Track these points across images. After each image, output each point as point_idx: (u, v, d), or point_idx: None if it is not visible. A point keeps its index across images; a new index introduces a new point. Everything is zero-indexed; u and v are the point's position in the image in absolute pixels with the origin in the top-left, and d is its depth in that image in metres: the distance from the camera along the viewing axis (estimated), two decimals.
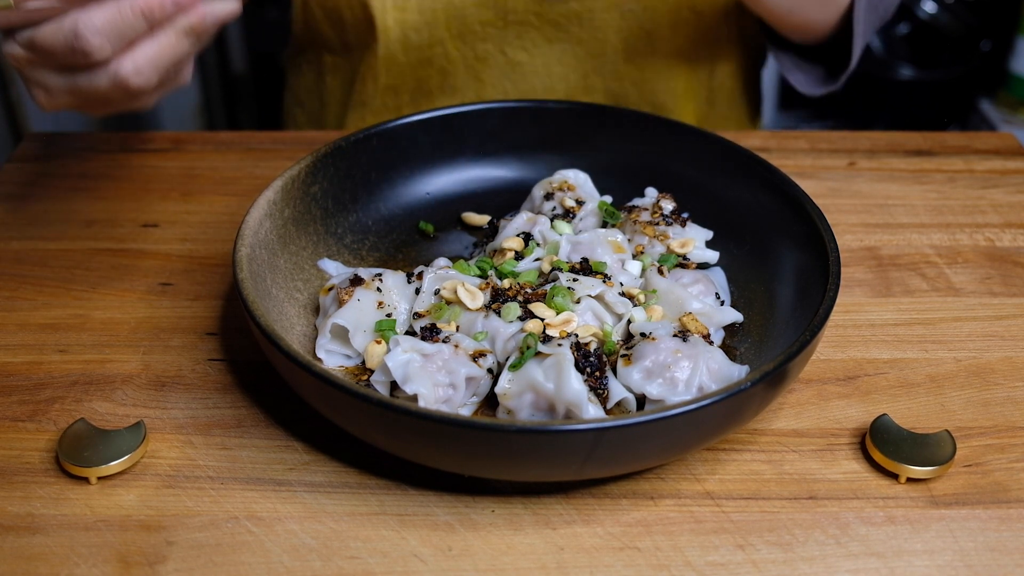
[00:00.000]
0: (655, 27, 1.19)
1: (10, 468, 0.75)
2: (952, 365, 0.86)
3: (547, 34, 1.18)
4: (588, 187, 1.00)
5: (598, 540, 0.70)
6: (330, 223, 0.94)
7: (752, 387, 0.68)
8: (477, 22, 1.17)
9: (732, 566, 0.68)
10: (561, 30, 1.18)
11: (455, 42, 1.18)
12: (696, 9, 1.19)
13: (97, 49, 0.68)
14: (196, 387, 0.83)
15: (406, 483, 0.74)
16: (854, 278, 0.97)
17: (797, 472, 0.75)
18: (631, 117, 1.01)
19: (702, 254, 0.91)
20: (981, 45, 2.16)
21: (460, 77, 1.22)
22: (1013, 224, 1.05)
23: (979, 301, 0.94)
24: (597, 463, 0.68)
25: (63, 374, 0.84)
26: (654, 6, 1.17)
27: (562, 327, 0.79)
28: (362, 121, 1.28)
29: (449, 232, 0.99)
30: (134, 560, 0.68)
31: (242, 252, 0.80)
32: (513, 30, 1.17)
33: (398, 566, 0.68)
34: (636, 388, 0.77)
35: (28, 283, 0.95)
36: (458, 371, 0.76)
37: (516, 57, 1.19)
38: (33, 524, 0.70)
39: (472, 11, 1.16)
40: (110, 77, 0.70)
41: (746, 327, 0.86)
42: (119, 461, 0.73)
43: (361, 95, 1.26)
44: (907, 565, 0.68)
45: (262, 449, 0.77)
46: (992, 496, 0.73)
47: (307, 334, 0.84)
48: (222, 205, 1.07)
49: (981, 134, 1.22)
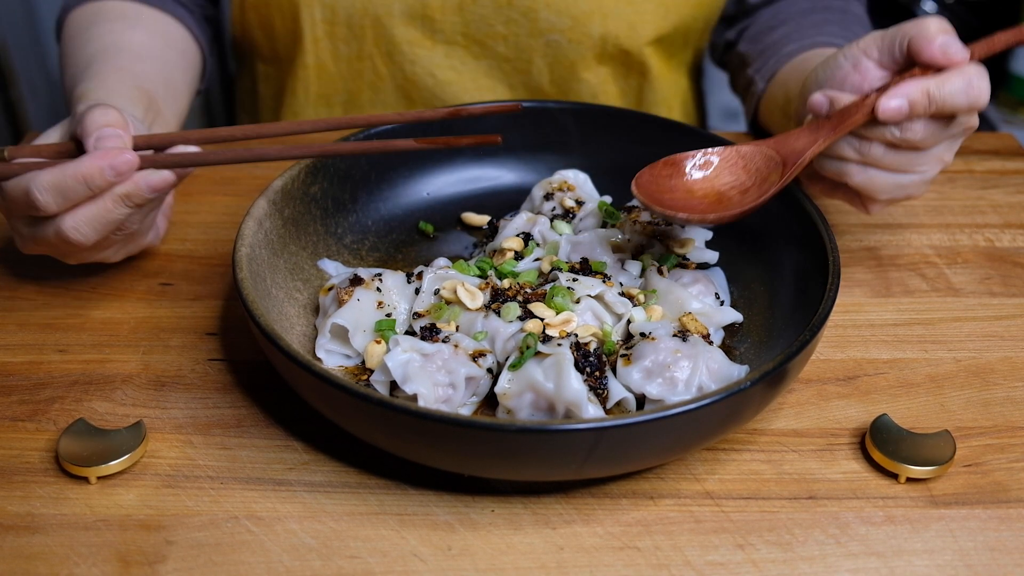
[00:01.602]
0: (579, 58, 1.19)
1: (10, 468, 0.75)
2: (952, 365, 0.86)
3: (474, 52, 1.19)
4: (588, 187, 1.00)
5: (598, 540, 0.70)
6: (330, 223, 0.94)
7: (752, 387, 0.68)
8: (405, 41, 1.17)
9: (732, 566, 0.68)
10: (487, 49, 1.19)
11: (384, 59, 1.19)
12: (622, 47, 1.19)
13: (43, 204, 0.77)
14: (196, 387, 0.83)
15: (406, 483, 0.74)
16: (854, 278, 0.97)
17: (797, 472, 0.75)
18: (631, 117, 1.01)
19: (702, 254, 0.91)
20: None
21: (390, 94, 1.23)
22: (1012, 224, 1.06)
23: (979, 301, 0.94)
24: (597, 463, 0.68)
25: (63, 374, 0.84)
26: (579, 39, 1.17)
27: (562, 327, 0.79)
28: None
29: (449, 232, 0.99)
30: (134, 560, 0.68)
31: (242, 252, 0.80)
32: (441, 50, 1.19)
33: (398, 565, 0.68)
34: (636, 388, 0.77)
35: (28, 283, 0.95)
36: (458, 371, 0.76)
37: (445, 77, 1.20)
38: (33, 524, 0.70)
39: (400, 30, 1.17)
40: (55, 230, 0.79)
41: (746, 327, 0.86)
42: (119, 461, 0.73)
43: (292, 106, 1.26)
44: (907, 565, 0.68)
45: (262, 449, 0.77)
46: (992, 496, 0.73)
47: (307, 334, 0.84)
48: (222, 205, 1.07)
49: (980, 135, 1.22)
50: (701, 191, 0.85)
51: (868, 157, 0.84)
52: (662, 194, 0.84)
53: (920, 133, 0.81)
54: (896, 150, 0.83)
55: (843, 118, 0.82)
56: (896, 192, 0.87)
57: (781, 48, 1.13)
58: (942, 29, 0.81)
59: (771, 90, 1.10)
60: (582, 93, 1.22)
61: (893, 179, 0.85)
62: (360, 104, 1.24)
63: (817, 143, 0.82)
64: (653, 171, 0.85)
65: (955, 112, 0.81)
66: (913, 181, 0.86)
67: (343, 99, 1.25)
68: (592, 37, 1.17)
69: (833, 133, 0.82)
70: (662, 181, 0.84)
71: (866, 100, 0.81)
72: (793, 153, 0.83)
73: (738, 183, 0.84)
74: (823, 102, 0.84)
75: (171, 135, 0.83)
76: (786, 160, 0.83)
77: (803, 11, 1.17)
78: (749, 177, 0.84)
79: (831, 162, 0.86)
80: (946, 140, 0.84)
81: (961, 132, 0.84)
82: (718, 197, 0.84)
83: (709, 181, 0.85)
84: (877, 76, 0.85)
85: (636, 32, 1.18)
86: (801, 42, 1.11)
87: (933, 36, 0.80)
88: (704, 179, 0.85)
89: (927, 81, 0.79)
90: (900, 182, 0.86)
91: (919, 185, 0.87)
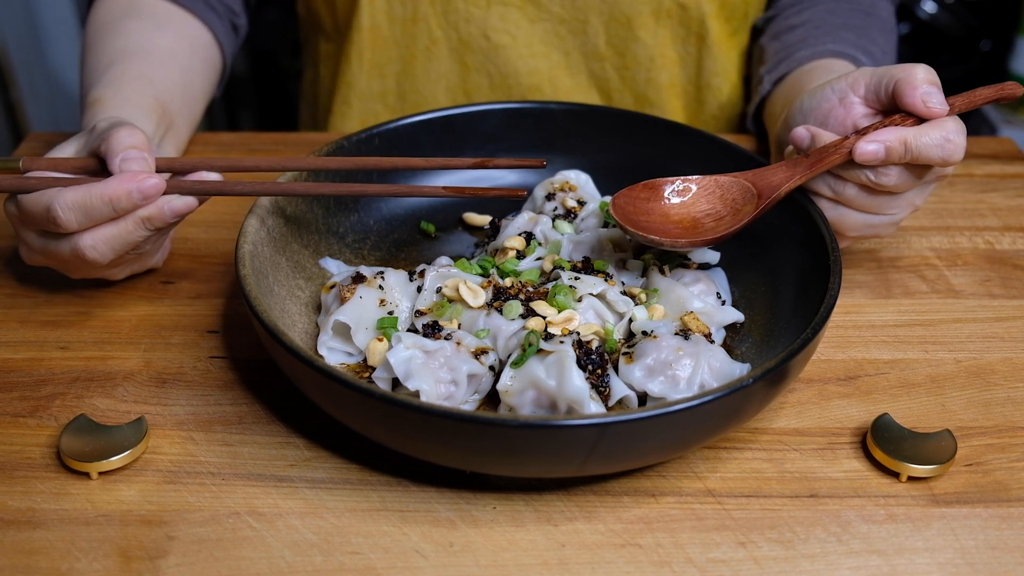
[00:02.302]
0: (636, 14, 1.19)
1: (11, 463, 0.75)
2: (952, 366, 0.86)
3: (529, 14, 1.19)
4: (589, 188, 1.00)
5: (600, 537, 0.70)
6: (332, 222, 0.94)
7: (753, 384, 0.68)
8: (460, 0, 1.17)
9: (733, 563, 0.68)
10: (543, 9, 1.18)
11: (439, 19, 1.19)
12: (679, 1, 1.19)
13: (64, 223, 0.78)
14: (197, 384, 0.83)
15: (407, 479, 0.74)
16: (855, 280, 0.97)
17: (798, 470, 0.75)
18: (632, 118, 1.02)
19: (703, 254, 0.92)
20: (981, 45, 2.17)
21: (444, 61, 1.23)
22: (1012, 227, 1.06)
23: (979, 303, 0.94)
24: (599, 459, 0.68)
25: (64, 371, 0.84)
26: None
27: (564, 325, 0.79)
28: (347, 105, 1.28)
29: (450, 232, 0.99)
30: (135, 555, 0.68)
31: (245, 249, 0.80)
32: (496, 11, 1.18)
33: (399, 562, 0.68)
34: (637, 386, 0.77)
35: (30, 280, 0.95)
36: (460, 368, 0.76)
37: (499, 41, 1.20)
38: (34, 519, 0.70)
39: None
40: (72, 247, 0.80)
41: (747, 327, 0.86)
42: (120, 456, 0.73)
43: (347, 76, 1.26)
44: (908, 563, 0.68)
45: (263, 445, 0.77)
46: (993, 495, 0.74)
47: (309, 331, 0.84)
48: (223, 204, 1.07)
49: (980, 139, 1.22)
50: (677, 216, 0.86)
51: (841, 196, 0.86)
52: (638, 216, 0.85)
53: (894, 179, 0.83)
54: (869, 192, 0.85)
55: (821, 156, 0.84)
56: (865, 231, 0.89)
57: (794, 52, 1.13)
58: (928, 79, 0.83)
59: (775, 95, 1.11)
60: (639, 55, 1.22)
61: (863, 219, 0.87)
62: (413, 74, 1.24)
63: (793, 179, 0.85)
64: (632, 193, 0.86)
65: (929, 163, 0.82)
66: (883, 222, 0.88)
67: (396, 68, 1.25)
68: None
69: (809, 171, 0.84)
70: (639, 204, 0.86)
71: (845, 141, 0.83)
72: (769, 187, 0.85)
73: (713, 211, 0.86)
74: (805, 137, 0.87)
75: (193, 160, 0.85)
76: (762, 193, 0.85)
77: (829, 10, 1.17)
78: (725, 207, 0.86)
79: None
80: (919, 186, 0.86)
81: (934, 179, 0.86)
82: (693, 223, 0.86)
83: (686, 207, 0.86)
84: (861, 113, 0.87)
85: None
86: (814, 48, 1.12)
87: (918, 84, 0.82)
88: (681, 205, 0.87)
89: (906, 131, 0.81)
90: (870, 222, 0.88)
91: (888, 226, 0.89)
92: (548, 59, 1.22)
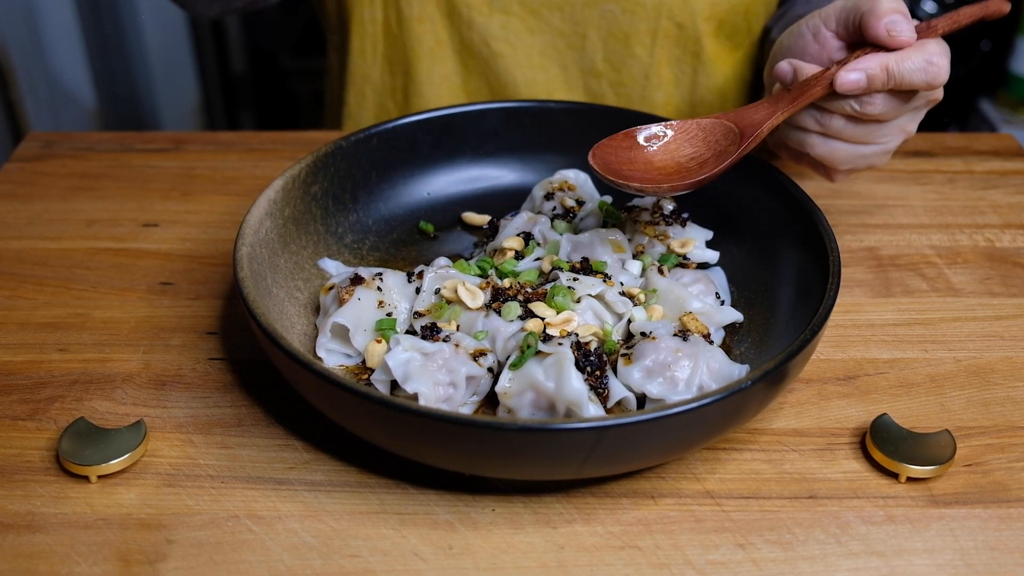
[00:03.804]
0: (633, 32, 1.19)
1: (10, 467, 0.75)
2: (952, 365, 0.86)
3: (529, 25, 1.18)
4: (588, 187, 1.00)
5: (598, 539, 0.70)
6: (330, 223, 0.94)
7: (752, 386, 0.68)
8: (463, 4, 1.17)
9: (732, 565, 0.68)
10: (542, 20, 1.18)
11: (444, 21, 1.19)
12: (676, 20, 1.18)
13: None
14: (196, 386, 0.83)
15: (406, 482, 0.74)
16: (854, 278, 0.97)
17: (797, 471, 0.75)
18: (631, 118, 1.01)
19: (702, 254, 0.92)
20: (981, 45, 2.16)
21: (449, 62, 1.22)
22: (1012, 225, 1.06)
23: (979, 301, 0.94)
24: (598, 462, 0.68)
25: (63, 373, 0.84)
26: (633, 9, 1.17)
27: (562, 326, 0.79)
28: (362, 96, 1.28)
29: (449, 232, 0.99)
30: (134, 558, 0.68)
31: (243, 251, 0.80)
32: (497, 19, 1.18)
33: (398, 564, 0.68)
34: (636, 387, 0.77)
35: (28, 282, 0.95)
36: (458, 370, 0.76)
37: (499, 49, 1.20)
38: (33, 522, 0.70)
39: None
40: None
41: (746, 327, 0.86)
42: (119, 460, 0.73)
43: (361, 68, 1.26)
44: (907, 564, 0.68)
45: (262, 448, 0.77)
46: (992, 495, 0.73)
47: (307, 333, 0.84)
48: (222, 205, 1.07)
49: (980, 135, 1.22)
50: (661, 163, 0.84)
51: (829, 129, 0.85)
52: (620, 165, 0.84)
53: (880, 107, 0.82)
54: (856, 122, 0.84)
55: (802, 90, 0.83)
56: (858, 162, 0.87)
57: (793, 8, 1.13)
58: (893, 8, 0.81)
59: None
60: (635, 73, 1.22)
61: (854, 150, 0.86)
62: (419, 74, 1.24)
63: (775, 115, 0.83)
64: (612, 143, 0.85)
65: (913, 88, 0.81)
66: (875, 151, 0.87)
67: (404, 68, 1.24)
68: (646, 7, 1.17)
69: (791, 106, 0.83)
70: (621, 153, 0.84)
71: (826, 73, 0.82)
72: (751, 125, 0.83)
73: (697, 155, 0.84)
74: (787, 71, 0.85)
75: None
76: (744, 132, 0.83)
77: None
78: (708, 149, 0.84)
79: (794, 132, 0.87)
80: (908, 112, 0.85)
81: (924, 104, 0.85)
82: (677, 168, 0.84)
83: (669, 153, 0.85)
84: (835, 47, 0.86)
85: (690, 5, 1.17)
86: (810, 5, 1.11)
87: (882, 14, 0.80)
88: (664, 151, 0.85)
89: (887, 57, 0.80)
90: (861, 152, 0.86)
91: (880, 155, 0.88)
92: (546, 72, 1.22)
